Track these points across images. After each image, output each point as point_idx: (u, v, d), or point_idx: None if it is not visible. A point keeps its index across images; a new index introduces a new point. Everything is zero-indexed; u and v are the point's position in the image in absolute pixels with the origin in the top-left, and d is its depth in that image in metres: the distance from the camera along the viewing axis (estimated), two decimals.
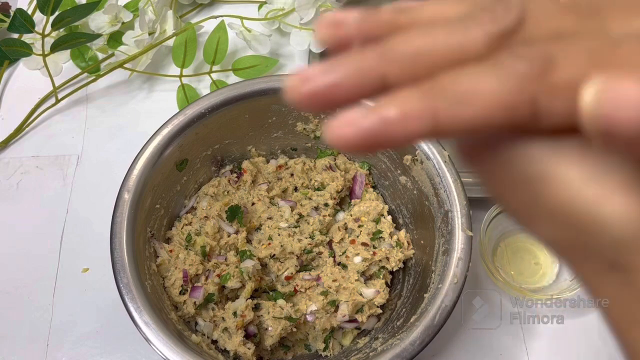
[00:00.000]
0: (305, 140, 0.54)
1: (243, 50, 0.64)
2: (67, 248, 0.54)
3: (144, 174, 0.45)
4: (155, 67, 0.64)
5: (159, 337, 0.39)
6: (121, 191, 0.44)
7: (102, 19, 0.62)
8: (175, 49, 0.61)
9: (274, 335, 0.45)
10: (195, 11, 0.68)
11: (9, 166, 0.58)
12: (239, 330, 0.45)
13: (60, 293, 0.51)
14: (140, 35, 0.60)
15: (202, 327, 0.46)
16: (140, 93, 0.62)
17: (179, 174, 0.50)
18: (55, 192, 0.56)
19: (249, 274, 0.47)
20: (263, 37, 0.62)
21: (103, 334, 0.50)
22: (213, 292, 0.46)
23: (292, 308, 0.47)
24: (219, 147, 0.52)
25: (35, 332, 0.50)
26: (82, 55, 0.63)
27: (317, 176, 0.53)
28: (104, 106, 0.62)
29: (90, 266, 0.52)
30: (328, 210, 0.51)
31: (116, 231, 0.43)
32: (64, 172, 0.58)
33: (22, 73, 0.64)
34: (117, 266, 0.42)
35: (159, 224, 0.49)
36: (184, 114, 0.48)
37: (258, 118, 0.51)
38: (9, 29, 0.60)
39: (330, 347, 0.48)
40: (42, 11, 0.58)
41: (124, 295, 0.41)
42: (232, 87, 0.49)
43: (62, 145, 0.59)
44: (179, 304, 0.46)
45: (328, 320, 0.47)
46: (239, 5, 0.68)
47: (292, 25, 0.61)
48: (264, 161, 0.55)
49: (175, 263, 0.47)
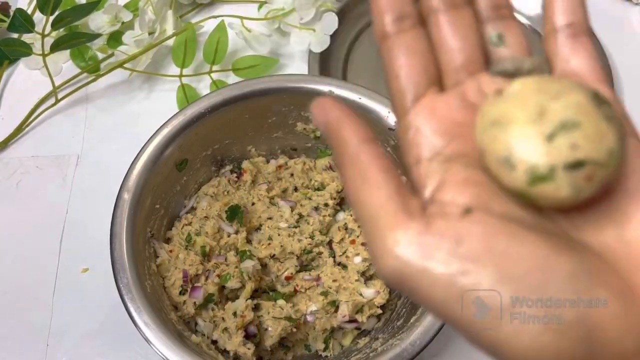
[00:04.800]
0: (306, 140, 0.54)
1: (243, 50, 0.64)
2: (67, 248, 0.53)
3: (144, 174, 0.45)
4: (155, 67, 0.64)
5: (158, 338, 0.39)
6: (121, 191, 0.44)
7: (102, 19, 0.62)
8: (175, 49, 0.61)
9: (274, 335, 0.45)
10: (195, 11, 0.68)
11: (8, 166, 0.58)
12: (239, 330, 0.45)
13: (60, 293, 0.51)
14: (140, 35, 0.60)
15: (202, 327, 0.46)
16: (140, 93, 0.62)
17: (179, 174, 0.50)
18: (55, 192, 0.56)
19: (249, 274, 0.47)
20: (263, 37, 0.61)
21: (103, 334, 0.50)
22: (213, 292, 0.46)
23: (292, 308, 0.47)
24: (219, 147, 0.52)
25: (35, 332, 0.50)
26: (82, 55, 0.63)
27: (317, 176, 0.53)
28: (104, 106, 0.62)
29: (90, 266, 0.52)
30: (328, 210, 0.51)
31: (116, 231, 0.43)
32: (64, 172, 0.58)
33: (22, 73, 0.64)
34: (116, 266, 0.42)
35: (159, 224, 0.49)
36: (184, 114, 0.47)
37: (258, 118, 0.51)
38: (8, 28, 0.60)
39: (330, 347, 0.47)
40: (42, 11, 0.58)
41: (123, 295, 0.41)
42: (232, 87, 0.49)
43: (61, 145, 0.59)
44: (178, 304, 0.46)
45: (328, 321, 0.47)
46: (239, 5, 0.68)
47: (292, 25, 0.61)
48: (264, 161, 0.54)
49: (175, 263, 0.47)
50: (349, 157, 0.22)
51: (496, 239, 0.19)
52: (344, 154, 0.22)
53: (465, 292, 0.18)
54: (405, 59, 0.24)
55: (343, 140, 0.22)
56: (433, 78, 0.24)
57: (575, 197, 0.20)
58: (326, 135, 0.23)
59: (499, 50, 0.25)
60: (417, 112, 0.23)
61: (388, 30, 0.24)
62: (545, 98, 0.20)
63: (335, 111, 0.22)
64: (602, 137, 0.19)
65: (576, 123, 0.19)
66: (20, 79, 0.64)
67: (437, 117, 0.23)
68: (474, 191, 0.21)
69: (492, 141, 0.20)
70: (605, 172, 0.19)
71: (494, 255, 0.19)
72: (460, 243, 0.19)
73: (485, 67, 0.24)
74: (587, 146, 0.19)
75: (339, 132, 0.22)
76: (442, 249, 0.19)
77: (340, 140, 0.22)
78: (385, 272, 0.20)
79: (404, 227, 0.20)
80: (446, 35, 0.24)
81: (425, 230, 0.20)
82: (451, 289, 0.19)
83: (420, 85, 0.24)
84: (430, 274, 0.19)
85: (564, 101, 0.20)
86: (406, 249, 0.19)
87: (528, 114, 0.20)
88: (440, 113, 0.23)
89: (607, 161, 0.19)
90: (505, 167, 0.20)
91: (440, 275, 0.19)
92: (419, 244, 0.19)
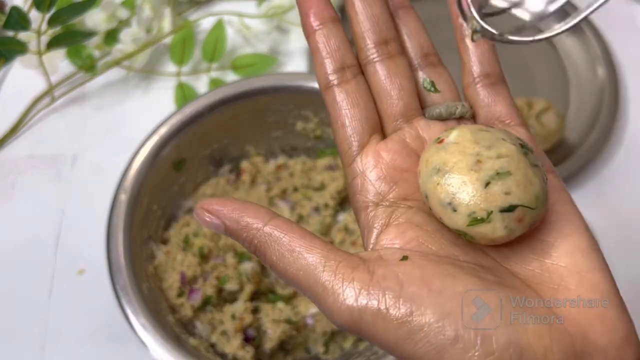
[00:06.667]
0: (305, 140, 0.53)
1: (242, 48, 0.63)
2: (63, 249, 0.53)
3: (141, 174, 0.45)
4: (152, 65, 0.63)
5: (156, 340, 0.39)
6: (117, 192, 0.44)
7: (98, 17, 0.61)
8: (173, 46, 0.61)
9: (274, 338, 0.45)
10: (193, 8, 0.68)
11: (4, 166, 0.58)
12: (238, 333, 0.44)
13: (56, 295, 0.51)
14: (137, 33, 0.59)
15: (200, 330, 0.46)
16: (137, 91, 0.62)
17: (177, 174, 0.49)
18: (51, 192, 0.56)
19: (248, 276, 0.46)
20: (262, 35, 0.61)
21: (99, 337, 0.49)
22: (211, 294, 0.46)
23: (292, 311, 0.46)
24: (217, 147, 0.51)
25: (31, 334, 0.49)
26: (79, 54, 0.62)
27: (317, 176, 0.52)
28: (101, 105, 0.61)
29: (86, 268, 0.52)
30: (328, 210, 0.50)
31: (112, 232, 0.43)
32: (60, 172, 0.57)
33: (18, 72, 0.64)
34: (113, 268, 0.42)
35: (156, 225, 0.48)
36: (182, 112, 0.47)
37: (257, 117, 0.51)
38: (4, 26, 0.59)
39: (330, 350, 0.47)
40: (38, 8, 0.57)
41: (120, 297, 0.41)
42: (230, 86, 0.48)
43: (58, 144, 0.59)
44: (176, 307, 0.45)
45: (328, 323, 0.46)
46: (237, 2, 0.67)
47: (291, 22, 0.61)
48: (263, 161, 0.54)
49: (173, 265, 0.47)
50: (264, 240, 0.23)
51: (432, 280, 0.21)
52: (258, 240, 0.23)
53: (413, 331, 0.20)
54: (349, 109, 0.26)
55: (250, 228, 0.23)
56: (375, 126, 0.26)
57: (507, 236, 0.23)
58: (230, 235, 0.24)
59: (432, 95, 0.27)
60: (362, 160, 0.25)
61: (331, 80, 0.26)
62: (481, 148, 0.23)
63: (224, 207, 0.23)
64: (530, 183, 0.22)
65: (508, 172, 0.22)
66: (15, 78, 0.63)
67: (380, 163, 0.25)
68: (413, 234, 0.23)
69: (435, 187, 0.23)
70: (534, 213, 0.23)
71: (432, 295, 0.21)
72: (403, 287, 0.21)
73: (421, 112, 0.27)
74: (518, 192, 0.22)
75: (241, 223, 0.23)
76: (389, 295, 0.21)
77: (247, 230, 0.23)
78: (342, 323, 0.21)
79: (350, 279, 0.21)
80: (384, 84, 0.26)
81: (370, 279, 0.21)
82: (402, 329, 0.20)
83: (364, 133, 0.26)
84: (383, 318, 0.21)
85: (497, 151, 0.23)
86: (358, 300, 0.21)
87: (466, 164, 0.23)
88: (383, 160, 0.25)
89: (535, 204, 0.22)
90: (447, 210, 0.23)
91: (392, 318, 0.21)
92: (368, 293, 0.21)
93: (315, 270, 0.22)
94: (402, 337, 0.20)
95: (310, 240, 0.23)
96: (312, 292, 0.22)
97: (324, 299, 0.22)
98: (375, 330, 0.21)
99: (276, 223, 0.23)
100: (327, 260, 0.22)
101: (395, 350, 0.21)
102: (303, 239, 0.23)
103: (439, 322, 0.20)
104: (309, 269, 0.22)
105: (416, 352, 0.20)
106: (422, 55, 0.28)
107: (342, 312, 0.21)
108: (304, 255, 0.22)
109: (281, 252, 0.23)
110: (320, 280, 0.22)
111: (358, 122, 0.26)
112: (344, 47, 0.27)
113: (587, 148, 0.55)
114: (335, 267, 0.22)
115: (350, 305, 0.21)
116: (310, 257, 0.22)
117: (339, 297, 0.21)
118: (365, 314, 0.21)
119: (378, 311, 0.21)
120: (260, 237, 0.23)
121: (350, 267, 0.22)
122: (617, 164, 0.57)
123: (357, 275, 0.21)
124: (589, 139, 0.55)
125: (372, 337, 0.21)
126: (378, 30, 0.27)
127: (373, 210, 0.25)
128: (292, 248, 0.22)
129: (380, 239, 0.24)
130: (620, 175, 0.56)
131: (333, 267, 0.22)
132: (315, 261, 0.22)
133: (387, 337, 0.21)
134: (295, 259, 0.22)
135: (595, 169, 0.56)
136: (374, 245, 0.24)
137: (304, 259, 0.22)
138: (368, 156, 0.25)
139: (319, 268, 0.22)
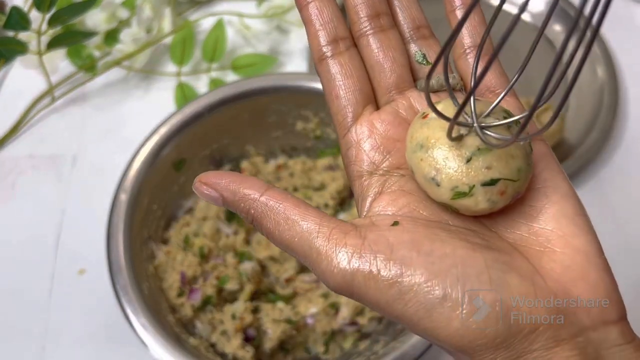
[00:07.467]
0: (305, 140, 0.53)
1: (242, 48, 0.63)
2: (63, 249, 0.53)
3: (141, 174, 0.45)
4: (152, 65, 0.63)
5: (156, 340, 0.39)
6: (118, 192, 0.44)
7: (99, 17, 0.61)
8: (173, 47, 0.61)
9: (274, 338, 0.45)
10: (193, 8, 0.68)
11: (4, 166, 0.57)
12: (238, 333, 0.44)
13: (56, 295, 0.51)
14: (137, 33, 0.59)
15: (200, 329, 0.46)
16: (138, 92, 0.62)
17: (177, 174, 0.49)
18: (52, 192, 0.56)
19: (248, 276, 0.46)
20: (262, 35, 0.61)
21: (99, 337, 0.49)
22: (211, 294, 0.46)
23: (292, 310, 0.46)
24: (218, 147, 0.51)
25: (31, 334, 0.49)
26: (79, 54, 0.62)
27: (317, 176, 0.52)
28: (101, 105, 0.61)
29: (86, 268, 0.52)
30: (329, 210, 0.50)
31: (113, 232, 0.43)
32: (60, 172, 0.57)
33: (18, 72, 0.64)
34: (113, 268, 0.42)
35: (156, 225, 0.48)
36: (182, 112, 0.47)
37: (257, 117, 0.50)
38: (4, 26, 0.59)
39: (330, 350, 0.47)
40: (38, 9, 0.57)
41: (120, 297, 0.41)
42: (230, 86, 0.48)
43: (58, 144, 0.59)
44: (176, 306, 0.45)
45: (328, 323, 0.46)
46: (238, 2, 0.67)
47: (291, 22, 0.60)
48: (263, 161, 0.54)
49: (173, 265, 0.47)
50: (260, 210, 0.24)
51: (422, 243, 0.22)
52: (254, 210, 0.24)
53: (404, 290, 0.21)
54: (343, 80, 0.26)
55: (247, 198, 0.24)
56: (369, 97, 0.27)
57: (490, 208, 0.23)
58: (228, 206, 0.24)
59: (424, 68, 0.28)
60: (356, 130, 0.26)
61: (324, 52, 0.26)
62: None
63: (222, 180, 0.24)
64: (512, 157, 0.23)
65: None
66: (15, 78, 0.63)
67: (374, 134, 0.26)
68: (405, 201, 0.24)
69: (419, 162, 0.23)
70: (516, 185, 0.23)
71: (422, 257, 0.22)
72: (393, 250, 0.22)
73: (413, 84, 0.27)
74: (499, 166, 0.23)
75: (238, 194, 0.24)
76: (380, 257, 0.22)
77: (244, 201, 0.24)
78: (335, 286, 0.22)
79: (343, 244, 0.22)
80: (377, 57, 0.27)
81: (361, 243, 0.22)
82: (393, 289, 0.21)
83: (358, 104, 0.26)
84: (375, 279, 0.22)
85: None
86: (350, 263, 0.22)
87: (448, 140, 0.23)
88: (377, 130, 0.26)
89: (517, 176, 0.23)
90: (431, 184, 0.23)
91: (383, 279, 0.21)
92: (360, 256, 0.22)
93: (310, 236, 0.23)
94: (393, 297, 0.21)
95: (305, 209, 0.23)
96: (307, 257, 0.23)
97: (318, 263, 0.22)
98: (367, 291, 0.22)
99: (272, 193, 0.24)
100: (321, 226, 0.23)
101: (387, 311, 0.22)
102: (298, 208, 0.23)
103: (428, 282, 0.21)
104: (303, 236, 0.23)
105: (406, 312, 0.21)
106: (414, 27, 0.28)
107: (335, 275, 0.22)
108: (299, 222, 0.23)
109: (277, 221, 0.23)
110: (315, 245, 0.23)
111: (352, 93, 0.26)
112: (336, 19, 0.27)
113: (587, 148, 0.55)
114: (328, 233, 0.23)
115: (343, 269, 0.22)
116: (304, 224, 0.23)
117: (332, 261, 0.22)
118: (357, 277, 0.22)
119: (369, 273, 0.22)
120: (256, 207, 0.24)
121: (343, 233, 0.23)
122: (617, 164, 0.57)
123: (350, 240, 0.22)
124: (588, 139, 0.55)
125: (364, 298, 0.22)
126: (371, 3, 0.27)
127: (367, 179, 0.25)
128: (287, 216, 0.23)
129: (374, 206, 0.24)
130: (619, 175, 0.56)
131: (326, 233, 0.23)
132: (310, 228, 0.23)
133: (378, 298, 0.22)
134: (290, 226, 0.23)
135: (595, 169, 0.56)
136: (367, 213, 0.25)
137: (298, 226, 0.23)
138: (362, 126, 0.26)
139: (313, 234, 0.23)
